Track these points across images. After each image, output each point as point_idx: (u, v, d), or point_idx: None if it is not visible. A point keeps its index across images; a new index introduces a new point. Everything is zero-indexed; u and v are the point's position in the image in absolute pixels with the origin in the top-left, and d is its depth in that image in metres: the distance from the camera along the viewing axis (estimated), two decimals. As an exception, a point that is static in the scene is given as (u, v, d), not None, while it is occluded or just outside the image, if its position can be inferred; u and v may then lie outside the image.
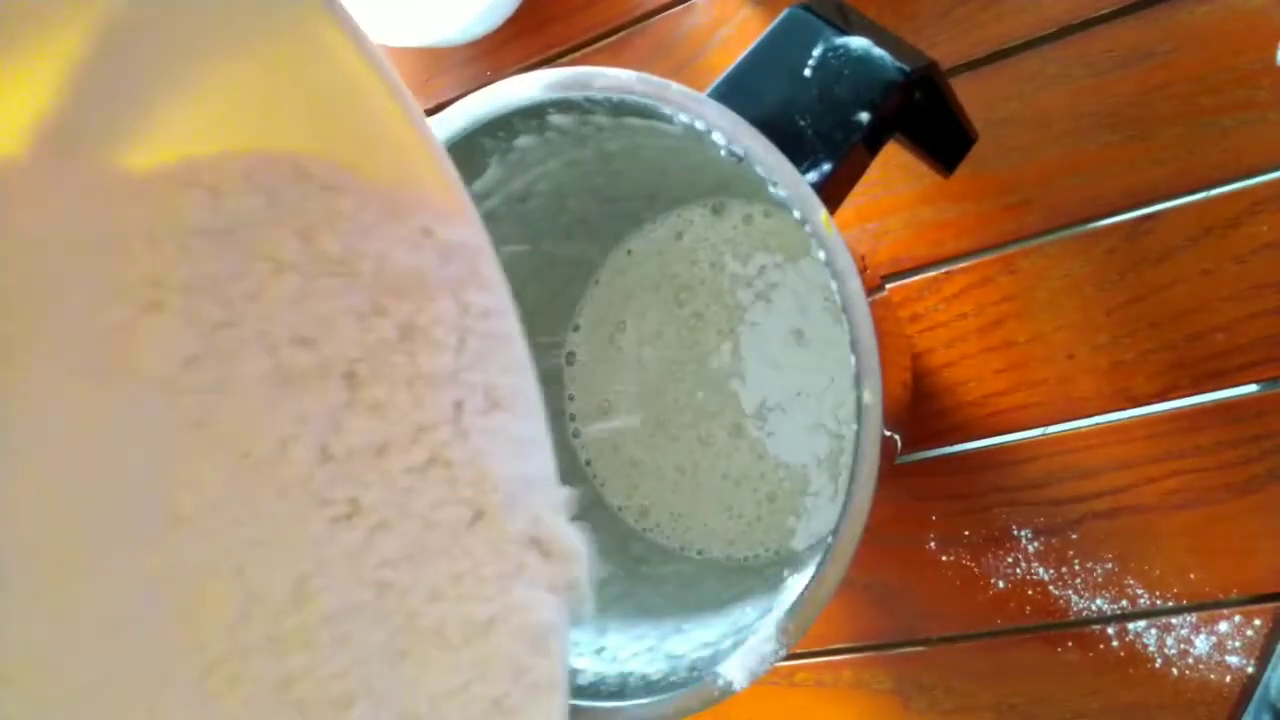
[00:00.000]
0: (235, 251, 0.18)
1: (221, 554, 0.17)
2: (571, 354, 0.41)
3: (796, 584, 0.27)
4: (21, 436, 0.16)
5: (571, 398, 0.41)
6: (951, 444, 0.40)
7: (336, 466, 0.18)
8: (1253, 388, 0.36)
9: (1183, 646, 0.36)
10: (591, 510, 0.40)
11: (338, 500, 0.18)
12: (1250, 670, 0.35)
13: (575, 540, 0.20)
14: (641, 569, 0.38)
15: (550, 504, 0.20)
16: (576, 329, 0.41)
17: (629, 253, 0.40)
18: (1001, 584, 0.38)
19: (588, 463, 0.40)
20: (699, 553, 0.38)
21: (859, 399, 0.25)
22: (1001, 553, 0.38)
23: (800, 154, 0.27)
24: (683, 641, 0.31)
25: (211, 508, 0.17)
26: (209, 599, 0.17)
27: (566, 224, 0.37)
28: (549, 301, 0.40)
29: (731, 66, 0.28)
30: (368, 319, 0.19)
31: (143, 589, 0.17)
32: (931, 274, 0.40)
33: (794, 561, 0.34)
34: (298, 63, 0.17)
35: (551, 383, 0.41)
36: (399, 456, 0.19)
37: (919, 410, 0.40)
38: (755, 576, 0.35)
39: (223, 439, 0.18)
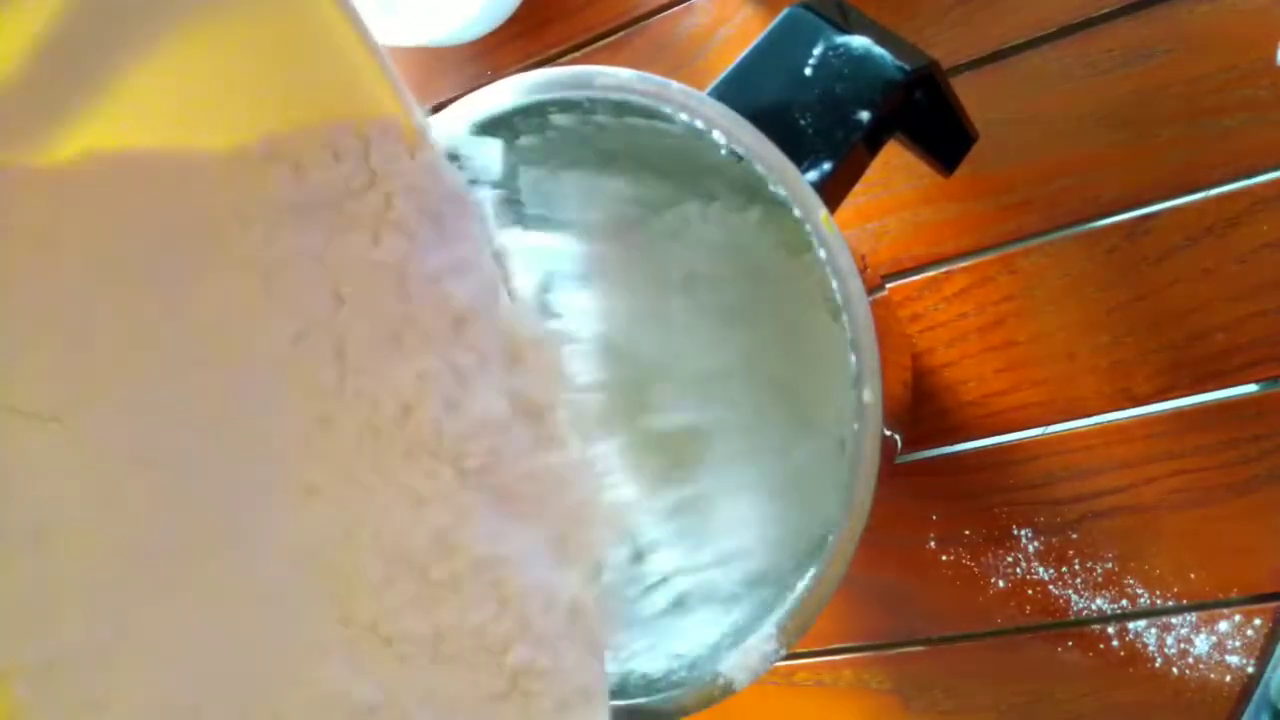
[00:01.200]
0: (323, 222, 0.18)
1: (356, 521, 0.18)
2: None
3: (797, 584, 0.27)
4: (151, 428, 0.17)
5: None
6: (952, 444, 0.40)
7: (461, 422, 0.18)
8: (1253, 387, 0.36)
9: (1183, 646, 0.36)
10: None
11: (472, 453, 0.18)
12: (1250, 670, 0.35)
13: None
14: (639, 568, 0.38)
15: None
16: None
17: (616, 252, 0.40)
18: (1002, 583, 0.38)
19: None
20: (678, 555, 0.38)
21: (859, 399, 0.25)
22: (1002, 552, 0.38)
23: (801, 153, 0.27)
24: (683, 640, 0.31)
25: (340, 478, 0.18)
26: (351, 566, 0.18)
27: (569, 223, 0.37)
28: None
29: (732, 65, 0.28)
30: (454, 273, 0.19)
31: (284, 563, 0.17)
32: (932, 273, 0.40)
33: (794, 562, 0.34)
34: (300, 31, 0.18)
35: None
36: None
37: (919, 410, 0.40)
38: (746, 579, 0.35)
39: (345, 409, 0.18)
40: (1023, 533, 0.38)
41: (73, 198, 0.17)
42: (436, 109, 0.30)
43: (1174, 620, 0.36)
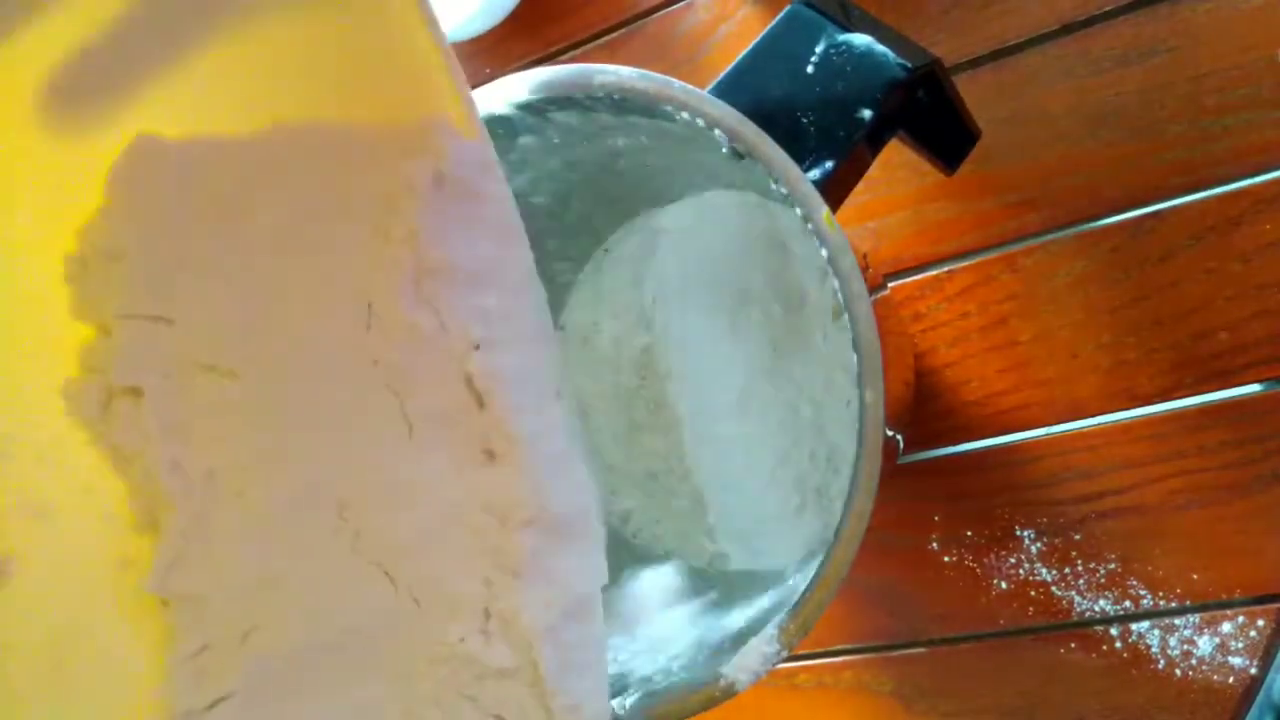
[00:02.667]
0: (460, 209, 0.19)
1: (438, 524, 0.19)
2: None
3: (798, 584, 0.27)
4: (297, 384, 0.18)
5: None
6: (954, 444, 0.39)
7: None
8: (1256, 387, 0.35)
9: (1186, 647, 0.36)
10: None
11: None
12: (1254, 671, 0.35)
13: None
14: (638, 570, 0.38)
15: None
16: (561, 328, 0.40)
17: (605, 251, 0.40)
18: (1004, 584, 0.38)
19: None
20: (677, 557, 0.38)
21: (861, 399, 0.25)
22: (1004, 553, 0.38)
23: (802, 151, 0.27)
24: (684, 642, 0.31)
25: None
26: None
27: (570, 224, 0.37)
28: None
29: (733, 63, 0.28)
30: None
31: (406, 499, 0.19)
32: (934, 272, 0.40)
33: (794, 563, 0.34)
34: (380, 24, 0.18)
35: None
36: None
37: (921, 410, 0.40)
38: (746, 580, 0.35)
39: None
40: (1025, 533, 0.38)
41: (260, 166, 0.18)
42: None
43: (1177, 621, 0.36)
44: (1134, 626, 0.36)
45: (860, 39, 0.27)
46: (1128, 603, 0.36)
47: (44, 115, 0.18)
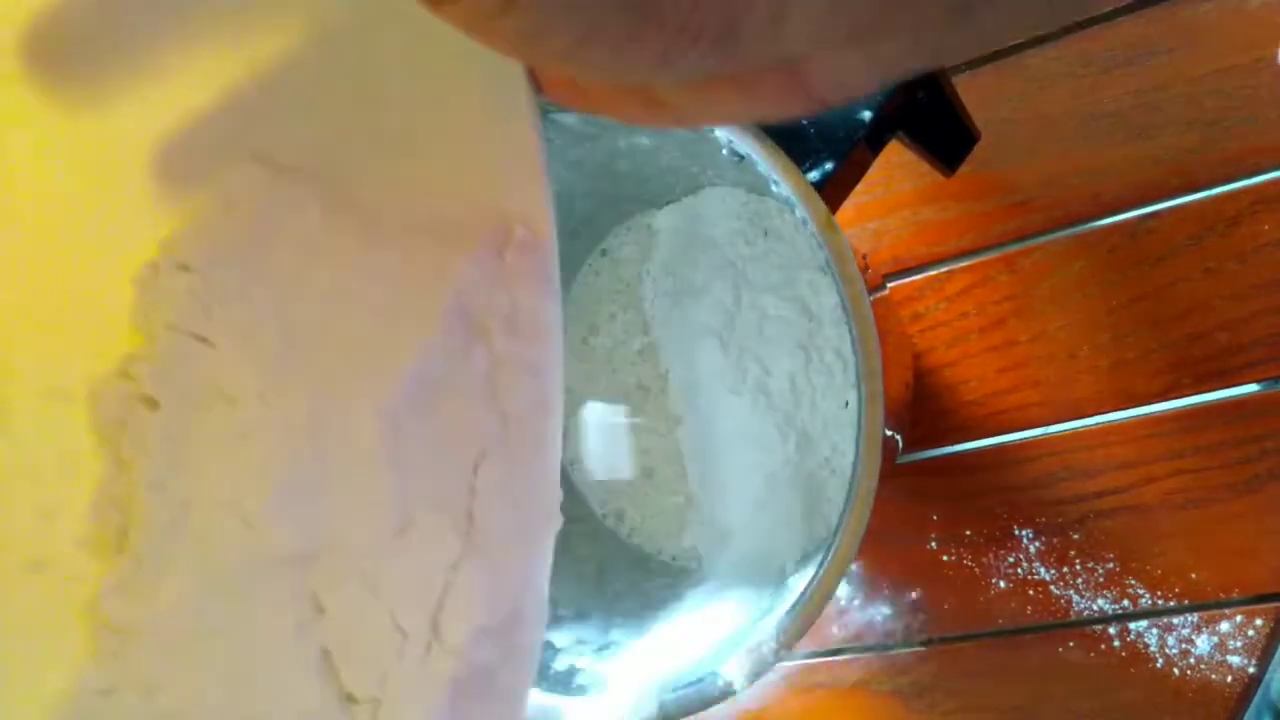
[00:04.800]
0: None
1: None
2: None
3: (797, 585, 0.27)
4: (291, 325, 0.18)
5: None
6: (953, 444, 0.39)
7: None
8: (1254, 387, 0.35)
9: (1184, 647, 0.36)
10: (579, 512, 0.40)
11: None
12: (1252, 670, 0.35)
13: None
14: (636, 571, 0.38)
15: None
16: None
17: (603, 253, 0.40)
18: (1003, 584, 0.38)
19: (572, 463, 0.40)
20: (673, 558, 0.38)
21: (860, 399, 0.25)
22: (1003, 553, 0.38)
23: (802, 153, 0.27)
24: (684, 642, 0.31)
25: None
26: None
27: (571, 225, 0.37)
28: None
29: (733, 65, 0.28)
30: None
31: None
32: (933, 273, 0.40)
33: (793, 563, 0.34)
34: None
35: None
36: None
37: (920, 410, 0.40)
38: (746, 580, 0.35)
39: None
40: (1024, 533, 0.38)
41: (325, 226, 0.19)
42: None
43: (1175, 621, 0.36)
44: (1132, 626, 0.36)
45: (860, 40, 0.27)
46: (1126, 602, 0.36)
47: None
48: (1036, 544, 0.38)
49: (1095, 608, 0.37)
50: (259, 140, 0.19)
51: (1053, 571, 0.37)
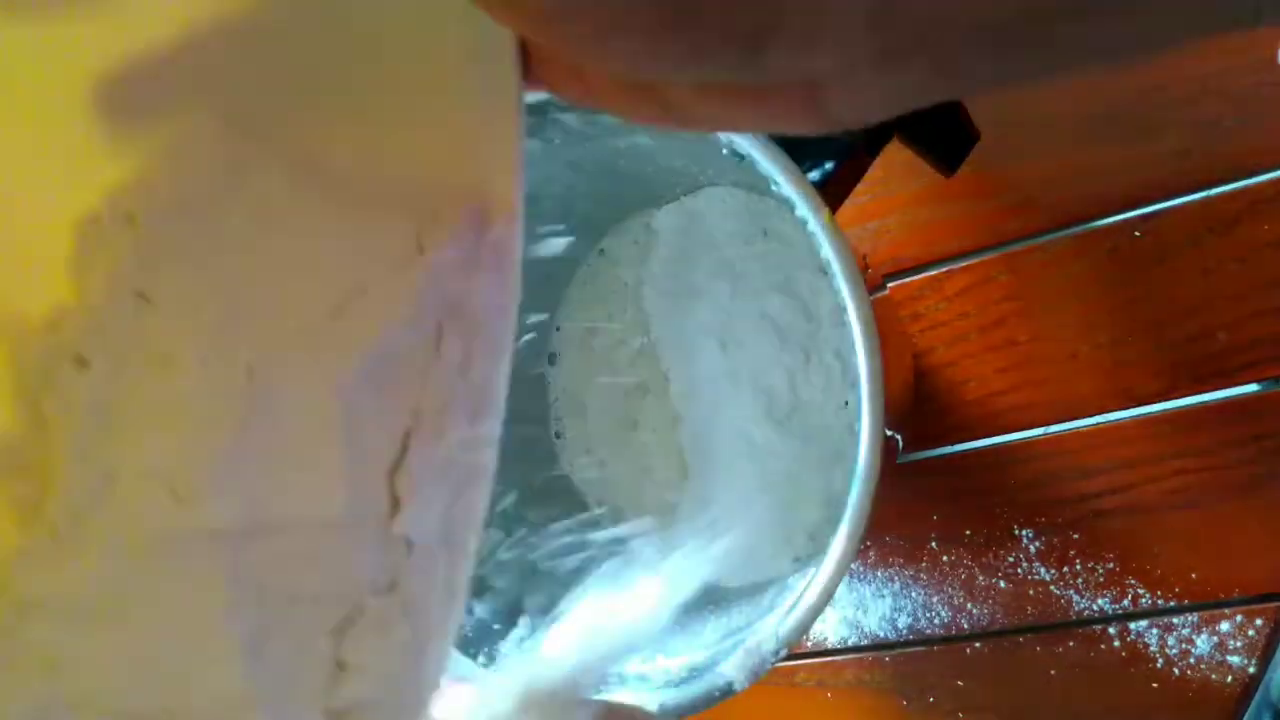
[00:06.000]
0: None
1: None
2: (554, 355, 0.41)
3: (797, 584, 0.27)
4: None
5: (556, 399, 0.41)
6: (953, 444, 0.39)
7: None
8: (1254, 387, 0.35)
9: (1184, 646, 0.36)
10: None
11: None
12: (1252, 670, 0.35)
13: None
14: (637, 572, 0.38)
15: None
16: (558, 329, 0.41)
17: (601, 252, 0.40)
18: (1003, 584, 0.38)
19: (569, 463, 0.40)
20: (673, 557, 0.38)
21: (860, 399, 0.25)
22: (1003, 552, 0.38)
23: (803, 153, 0.27)
24: (684, 642, 0.31)
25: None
26: None
27: (571, 225, 0.37)
28: (535, 299, 0.40)
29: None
30: None
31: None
32: (933, 273, 0.40)
33: (792, 563, 0.34)
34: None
35: (535, 385, 0.41)
36: None
37: (920, 410, 0.40)
38: (746, 580, 0.35)
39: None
40: (1024, 533, 0.38)
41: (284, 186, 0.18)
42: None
43: (1175, 620, 0.36)
44: (1132, 625, 0.36)
45: (860, 41, 0.27)
46: (1126, 602, 0.36)
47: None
48: (1036, 544, 0.38)
49: (1095, 608, 0.37)
50: (222, 90, 0.17)
51: (1053, 571, 0.37)
